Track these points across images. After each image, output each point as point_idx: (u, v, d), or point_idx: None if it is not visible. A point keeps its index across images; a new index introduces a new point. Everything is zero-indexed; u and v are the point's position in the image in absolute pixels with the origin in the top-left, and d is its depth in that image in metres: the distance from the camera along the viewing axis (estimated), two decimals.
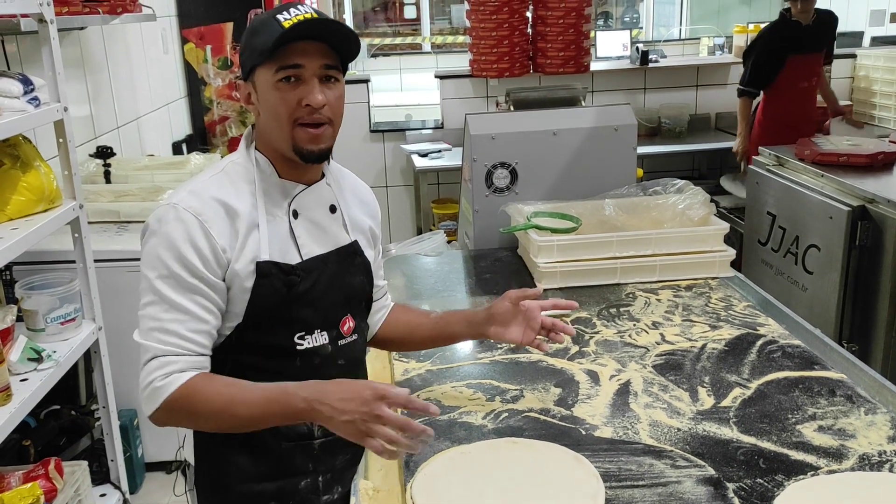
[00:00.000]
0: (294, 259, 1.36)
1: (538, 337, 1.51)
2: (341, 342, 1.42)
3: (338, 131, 1.37)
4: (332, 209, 1.43)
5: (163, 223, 1.28)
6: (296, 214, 1.38)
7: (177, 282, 1.26)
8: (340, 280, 1.42)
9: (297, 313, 1.35)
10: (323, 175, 1.44)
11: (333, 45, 1.30)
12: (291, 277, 1.33)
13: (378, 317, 1.62)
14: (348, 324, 1.44)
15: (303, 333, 1.37)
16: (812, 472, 1.31)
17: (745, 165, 4.24)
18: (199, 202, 1.30)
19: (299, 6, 1.30)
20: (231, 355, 1.35)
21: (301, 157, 1.33)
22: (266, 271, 1.31)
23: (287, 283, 1.33)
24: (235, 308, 1.32)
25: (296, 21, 1.26)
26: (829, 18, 4.27)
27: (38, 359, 1.98)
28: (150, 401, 1.25)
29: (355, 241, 1.46)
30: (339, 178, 1.49)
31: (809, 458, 1.35)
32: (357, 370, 1.49)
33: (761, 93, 4.28)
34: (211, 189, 1.32)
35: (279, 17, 1.27)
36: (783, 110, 4.17)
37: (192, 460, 1.44)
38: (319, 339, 1.39)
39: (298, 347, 1.37)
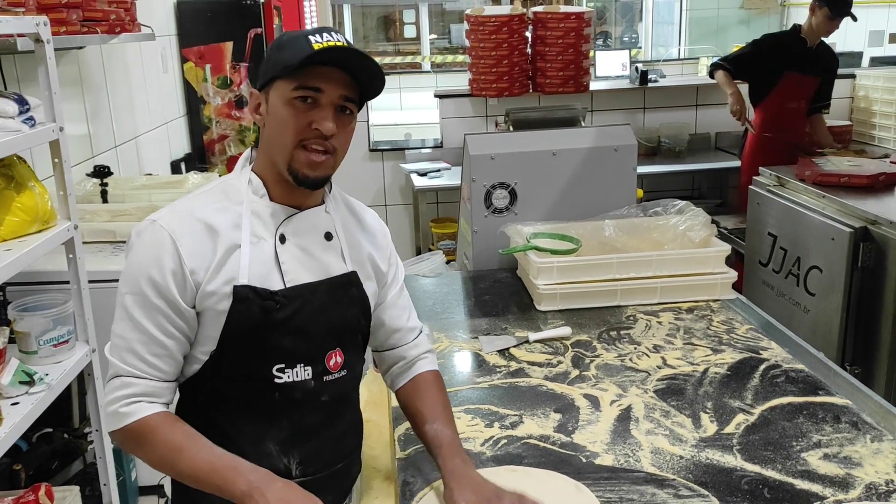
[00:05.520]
0: (276, 285, 1.29)
1: None
2: (327, 378, 1.35)
3: (339, 163, 1.34)
4: (328, 237, 1.37)
5: (140, 239, 1.28)
6: (283, 239, 1.32)
7: (142, 300, 1.25)
8: (330, 312, 1.35)
9: (275, 342, 1.30)
10: (323, 202, 1.39)
11: (357, 78, 1.28)
12: (268, 303, 1.28)
13: (397, 368, 1.50)
14: (336, 359, 1.36)
15: (282, 366, 1.31)
16: (818, 502, 1.29)
17: (749, 125, 4.18)
18: (177, 220, 1.28)
19: (332, 32, 1.28)
20: (208, 384, 1.31)
21: (295, 180, 1.29)
22: (242, 296, 1.26)
23: (264, 308, 1.28)
24: (210, 331, 1.28)
25: (327, 45, 1.24)
26: (830, 56, 4.22)
27: (30, 382, 1.95)
28: (111, 422, 1.27)
29: (353, 272, 1.38)
30: (343, 207, 1.44)
31: (815, 488, 1.32)
32: (343, 407, 1.42)
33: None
34: (194, 207, 1.30)
35: (311, 37, 1.25)
36: (775, 128, 4.16)
37: (168, 492, 1.40)
38: (301, 373, 1.32)
39: (277, 380, 1.31)
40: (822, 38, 4.11)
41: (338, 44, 1.25)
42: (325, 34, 1.27)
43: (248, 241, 1.29)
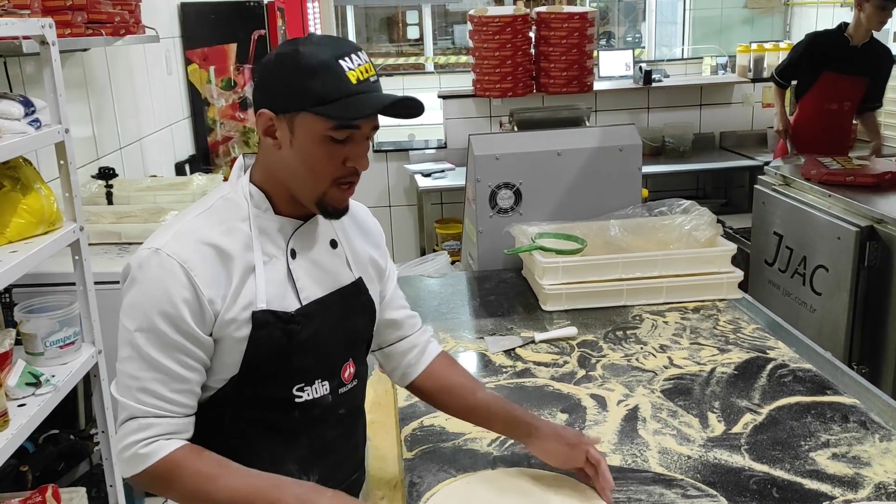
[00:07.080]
0: (293, 304, 1.24)
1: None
2: (342, 390, 1.32)
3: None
4: (333, 244, 1.32)
5: (144, 270, 1.17)
6: (294, 254, 1.26)
7: (157, 337, 1.16)
8: (342, 323, 1.31)
9: (298, 363, 1.25)
10: None
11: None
12: (291, 326, 1.22)
13: (412, 357, 1.47)
14: (349, 370, 1.33)
15: (302, 385, 1.26)
16: (826, 502, 1.28)
17: (790, 145, 4.11)
18: (184, 247, 1.17)
19: (359, 52, 1.19)
20: (228, 409, 1.24)
21: (324, 213, 1.24)
22: (263, 321, 1.20)
23: (287, 332, 1.22)
24: (229, 359, 1.21)
25: (363, 78, 1.16)
26: (882, 54, 3.98)
27: (37, 383, 1.95)
28: (130, 465, 1.17)
29: (359, 279, 1.35)
30: None
31: (824, 488, 1.32)
32: (357, 418, 1.40)
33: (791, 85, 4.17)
34: (199, 230, 1.20)
35: (343, 63, 1.15)
36: (811, 129, 4.02)
37: None
38: (320, 389, 1.28)
39: (297, 400, 1.26)
40: (873, 35, 3.87)
41: (371, 73, 1.18)
42: (353, 57, 1.16)
43: (261, 261, 1.22)
